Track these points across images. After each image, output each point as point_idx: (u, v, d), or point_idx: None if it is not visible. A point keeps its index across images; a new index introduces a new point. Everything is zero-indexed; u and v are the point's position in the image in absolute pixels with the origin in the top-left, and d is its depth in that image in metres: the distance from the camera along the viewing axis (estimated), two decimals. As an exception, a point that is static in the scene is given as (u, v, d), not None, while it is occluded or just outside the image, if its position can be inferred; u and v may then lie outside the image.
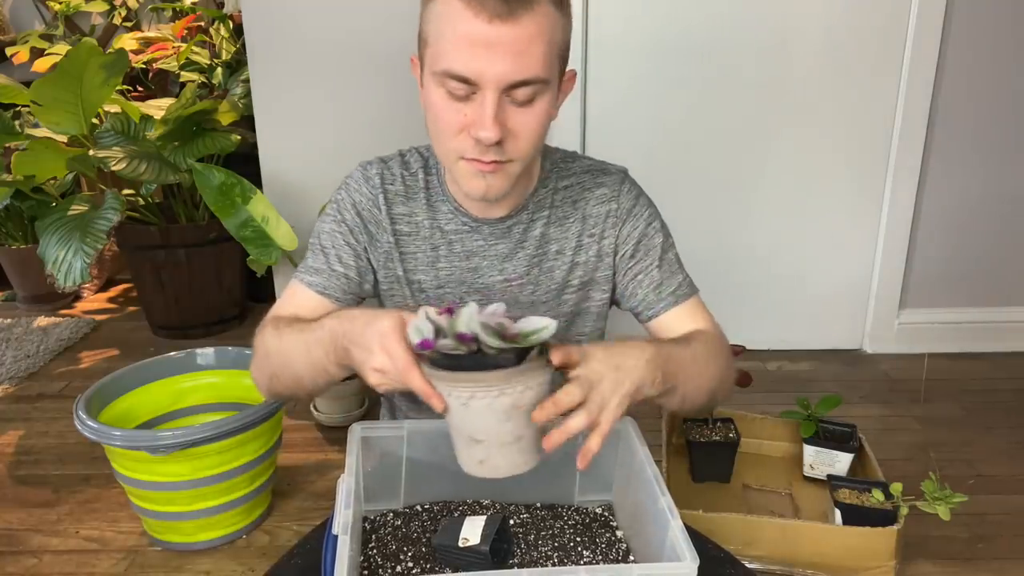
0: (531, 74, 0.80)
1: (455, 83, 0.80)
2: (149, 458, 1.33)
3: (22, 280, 2.67)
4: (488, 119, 0.80)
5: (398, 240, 0.97)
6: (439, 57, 0.81)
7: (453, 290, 0.98)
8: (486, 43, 0.78)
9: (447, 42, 0.80)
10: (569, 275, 1.00)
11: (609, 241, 1.00)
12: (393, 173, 0.99)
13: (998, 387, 2.09)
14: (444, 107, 0.82)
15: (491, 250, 0.97)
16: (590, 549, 0.86)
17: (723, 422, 1.63)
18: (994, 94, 2.09)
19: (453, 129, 0.83)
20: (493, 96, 0.80)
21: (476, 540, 0.78)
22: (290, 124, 2.11)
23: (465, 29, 0.77)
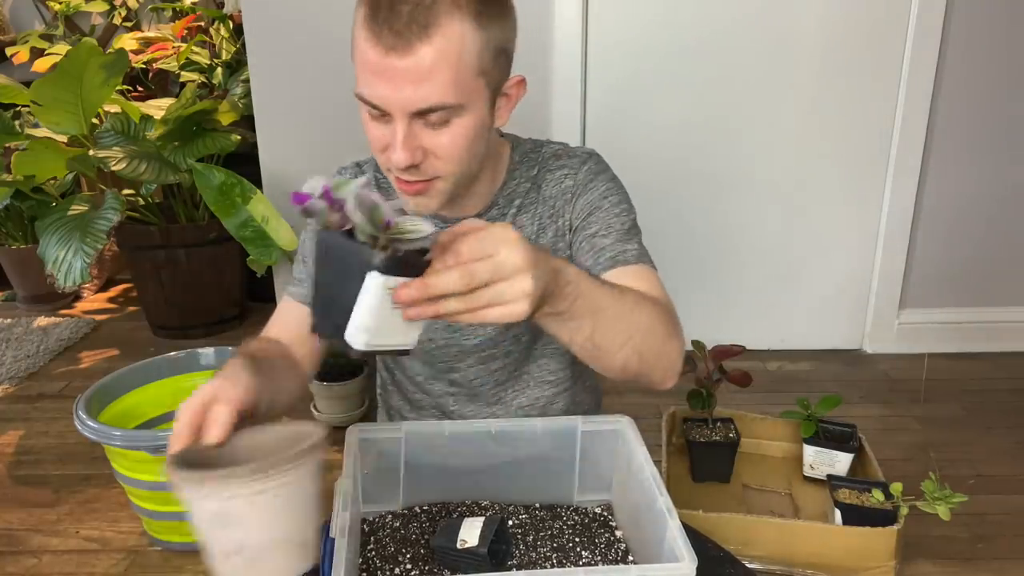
0: (436, 101, 0.78)
1: (370, 108, 0.81)
2: (149, 458, 1.33)
3: (22, 280, 2.67)
4: (397, 145, 0.80)
5: None
6: (357, 79, 0.81)
7: None
8: (384, 73, 0.77)
9: (358, 68, 0.80)
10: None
11: (565, 219, 0.97)
12: (352, 170, 1.01)
13: (998, 387, 2.09)
14: (370, 126, 0.83)
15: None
16: (589, 549, 0.86)
17: (723, 422, 1.63)
18: (994, 94, 2.09)
19: (379, 146, 0.84)
20: (402, 122, 0.79)
21: (474, 541, 0.78)
22: (290, 124, 2.11)
23: (367, 58, 0.78)
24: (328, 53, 2.05)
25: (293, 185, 2.42)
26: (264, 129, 2.12)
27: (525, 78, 0.89)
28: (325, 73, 2.07)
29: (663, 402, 1.88)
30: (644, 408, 1.91)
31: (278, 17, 2.02)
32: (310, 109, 2.10)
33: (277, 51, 2.05)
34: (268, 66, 2.06)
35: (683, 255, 2.16)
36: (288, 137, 2.12)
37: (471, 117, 0.82)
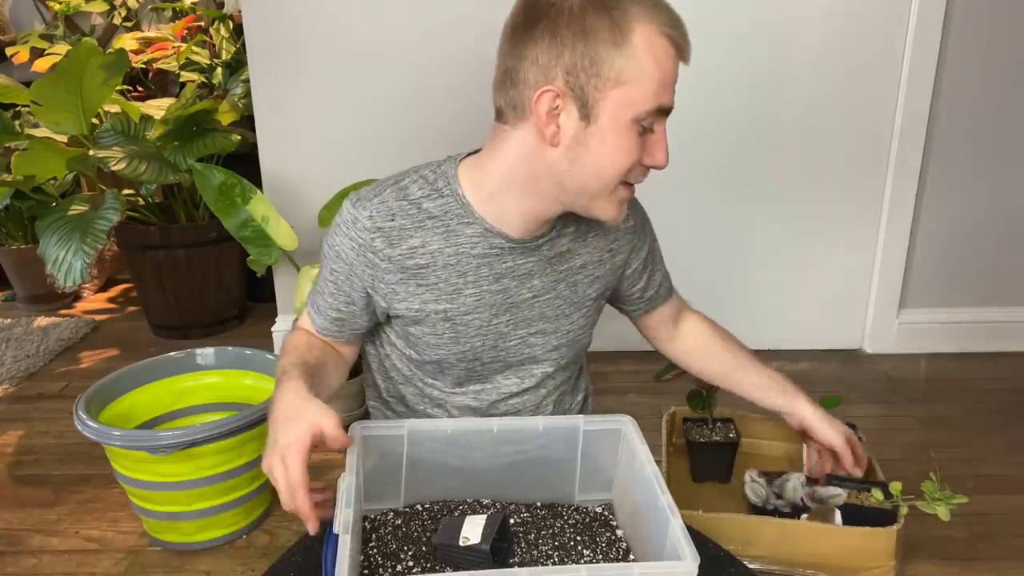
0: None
1: (655, 118, 0.85)
2: (149, 458, 1.33)
3: (22, 280, 2.67)
4: (664, 147, 0.87)
5: (412, 275, 0.94)
6: (648, 95, 0.83)
7: (481, 314, 0.97)
8: (674, 80, 0.86)
9: (657, 80, 0.83)
10: (590, 288, 1.03)
11: (623, 256, 1.06)
12: (391, 208, 0.93)
13: (998, 387, 2.09)
14: (635, 144, 0.85)
15: (520, 268, 0.97)
16: (590, 548, 0.86)
17: (723, 422, 1.63)
18: (994, 94, 2.09)
19: (631, 162, 0.86)
20: (662, 127, 0.87)
21: (476, 539, 0.78)
22: (290, 124, 2.11)
23: (671, 68, 0.84)
24: (328, 53, 2.05)
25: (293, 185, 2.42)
26: (264, 129, 2.12)
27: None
28: (325, 73, 2.07)
29: (663, 402, 1.88)
30: (644, 408, 1.91)
31: (278, 17, 2.02)
32: (310, 109, 2.09)
33: (277, 51, 2.05)
34: (268, 66, 2.06)
35: (682, 255, 2.15)
36: (288, 137, 2.12)
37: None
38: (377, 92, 2.08)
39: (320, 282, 1.00)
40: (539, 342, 1.02)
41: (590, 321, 1.06)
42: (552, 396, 1.08)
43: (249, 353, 1.61)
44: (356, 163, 2.13)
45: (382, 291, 0.95)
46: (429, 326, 0.97)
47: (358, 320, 1.00)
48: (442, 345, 0.98)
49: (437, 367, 1.01)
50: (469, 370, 1.01)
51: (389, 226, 0.92)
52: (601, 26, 0.82)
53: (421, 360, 1.01)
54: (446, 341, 0.97)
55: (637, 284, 1.11)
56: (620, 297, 1.14)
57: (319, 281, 1.00)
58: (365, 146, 2.13)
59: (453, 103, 2.09)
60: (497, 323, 0.98)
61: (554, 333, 1.02)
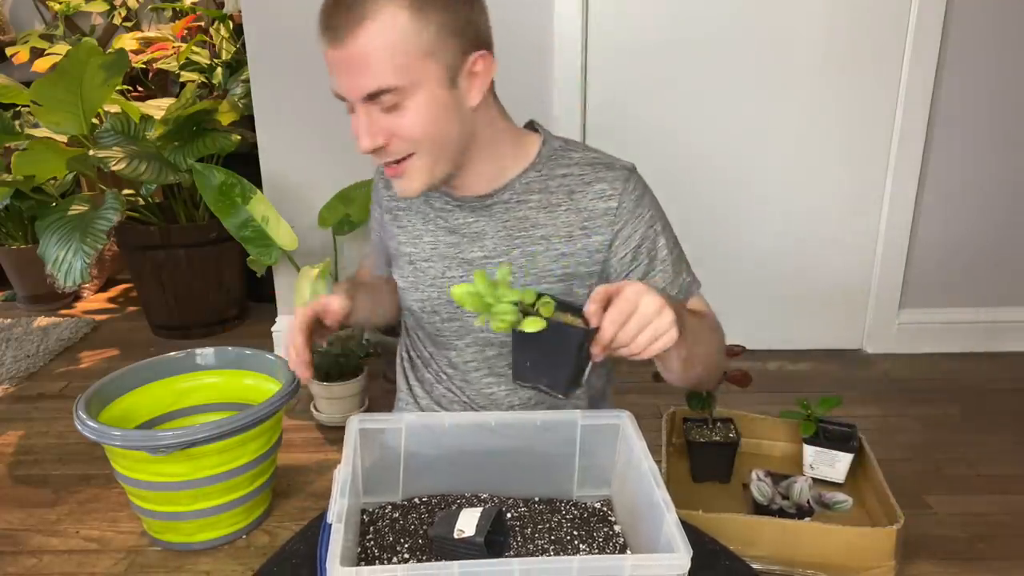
0: (377, 84, 0.86)
1: (341, 100, 0.91)
2: (149, 458, 1.33)
3: (22, 280, 2.67)
4: (359, 130, 0.90)
5: (395, 216, 1.07)
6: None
7: (437, 263, 1.03)
8: (336, 65, 0.89)
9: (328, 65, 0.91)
10: (551, 263, 0.98)
11: (602, 239, 0.98)
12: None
13: (998, 387, 2.09)
14: (351, 116, 0.91)
15: (472, 227, 1.01)
16: (587, 543, 0.86)
17: (723, 422, 1.63)
18: (994, 94, 2.09)
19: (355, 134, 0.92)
20: (360, 109, 0.89)
21: (472, 532, 0.79)
22: (290, 124, 2.11)
23: (325, 54, 0.91)
24: (328, 53, 2.05)
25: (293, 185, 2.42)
26: (264, 129, 2.12)
27: (489, 54, 0.92)
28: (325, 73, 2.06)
29: (663, 402, 1.88)
30: (644, 408, 1.91)
31: (278, 17, 2.02)
32: (310, 109, 2.09)
33: (277, 51, 2.05)
34: (268, 66, 2.06)
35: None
36: (288, 137, 2.12)
37: (425, 96, 0.88)
38: (377, 92, 2.08)
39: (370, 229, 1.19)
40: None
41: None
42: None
43: (249, 353, 1.61)
44: (356, 163, 2.13)
45: (383, 227, 1.10)
46: (399, 268, 1.06)
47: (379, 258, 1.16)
48: (407, 289, 1.05)
49: (411, 318, 1.09)
50: (431, 325, 1.05)
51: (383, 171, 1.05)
52: None
53: (405, 309, 1.09)
54: (410, 285, 1.05)
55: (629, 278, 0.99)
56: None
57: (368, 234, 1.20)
58: (365, 146, 2.13)
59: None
60: (451, 276, 1.02)
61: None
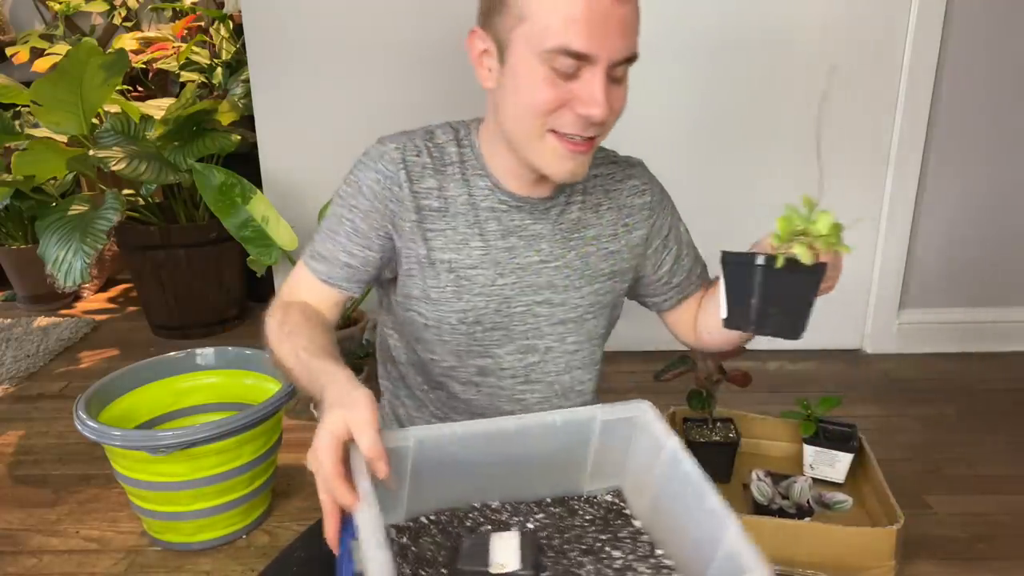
0: (634, 50, 0.82)
1: (567, 60, 0.78)
2: (149, 458, 1.33)
3: (22, 280, 2.67)
4: (600, 96, 0.79)
5: (424, 216, 0.92)
6: (548, 33, 0.78)
7: (486, 271, 0.94)
8: (605, 20, 0.78)
9: (561, 17, 0.77)
10: (602, 263, 0.99)
11: (641, 233, 1.01)
12: (417, 146, 0.94)
13: (998, 387, 2.09)
14: (544, 85, 0.80)
15: (529, 229, 0.95)
16: (617, 548, 0.77)
17: (723, 422, 1.63)
18: (994, 94, 2.09)
19: (550, 105, 0.81)
20: (603, 73, 0.79)
21: (515, 564, 0.69)
22: (290, 124, 2.11)
23: (585, 3, 0.77)
24: (328, 53, 2.05)
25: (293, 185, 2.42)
26: (264, 129, 2.12)
27: None
28: (325, 73, 2.07)
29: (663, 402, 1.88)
30: (644, 408, 1.91)
31: (278, 17, 2.02)
32: (310, 109, 2.10)
33: (277, 51, 2.05)
34: (268, 66, 2.06)
35: (683, 255, 2.16)
36: (288, 137, 2.12)
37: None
38: (377, 91, 2.08)
39: (332, 224, 0.93)
40: (544, 312, 0.97)
41: (602, 303, 1.00)
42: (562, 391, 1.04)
43: (249, 353, 1.61)
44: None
45: (401, 229, 0.92)
46: (433, 277, 0.93)
47: (368, 269, 0.94)
48: (444, 301, 0.93)
49: (436, 333, 0.95)
50: (469, 336, 0.96)
51: (413, 161, 0.92)
52: None
53: (424, 323, 0.95)
54: (448, 296, 0.93)
55: (663, 267, 1.04)
56: (647, 285, 1.06)
57: (329, 224, 0.93)
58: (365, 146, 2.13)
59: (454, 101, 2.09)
60: (502, 283, 0.94)
61: (561, 306, 0.97)
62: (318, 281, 0.94)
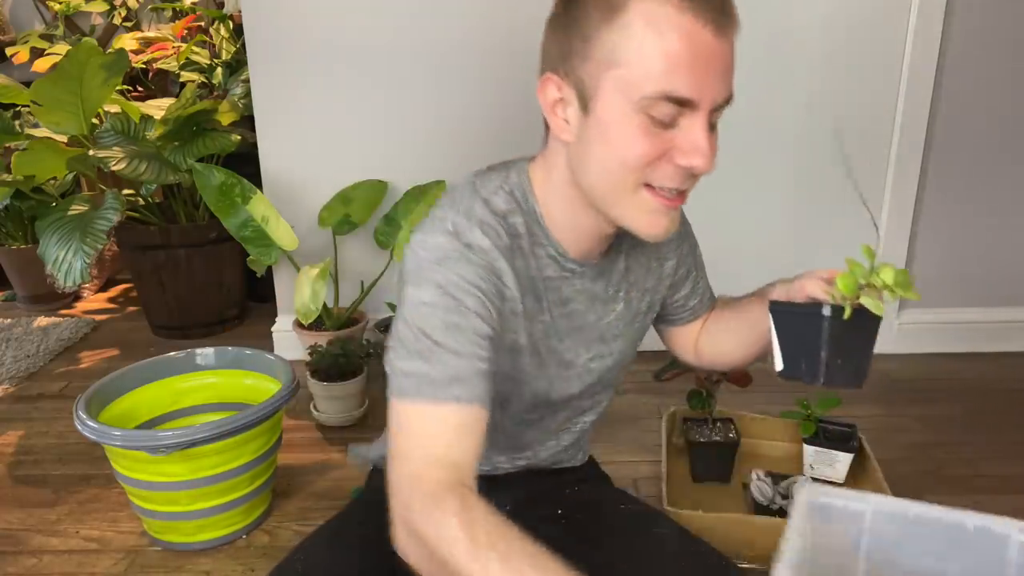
0: (732, 91, 0.75)
1: (669, 107, 0.70)
2: (149, 458, 1.33)
3: (22, 280, 2.67)
4: (704, 145, 0.72)
5: (502, 299, 0.81)
6: (648, 78, 0.69)
7: (542, 342, 0.87)
8: (711, 60, 0.70)
9: (661, 59, 0.69)
10: (641, 302, 0.98)
11: (671, 263, 1.00)
12: (491, 225, 0.80)
13: (998, 387, 2.09)
14: (642, 135, 0.72)
15: (586, 292, 0.89)
16: None
17: (723, 422, 1.63)
18: (994, 94, 2.08)
19: (649, 158, 0.72)
20: (705, 119, 0.72)
21: None
22: (290, 124, 2.11)
23: (689, 43, 0.68)
24: (328, 53, 2.05)
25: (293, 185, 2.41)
26: (264, 129, 2.12)
27: None
28: (325, 73, 2.07)
29: (663, 402, 1.88)
30: (644, 408, 1.91)
31: (278, 17, 2.02)
32: (310, 109, 2.10)
33: (277, 51, 2.05)
34: (268, 66, 2.06)
35: (683, 255, 2.16)
36: (288, 137, 2.12)
37: None
38: (377, 92, 2.08)
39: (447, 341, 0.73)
40: (596, 366, 0.95)
41: (639, 336, 1.00)
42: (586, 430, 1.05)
43: (249, 353, 1.61)
44: (356, 163, 2.13)
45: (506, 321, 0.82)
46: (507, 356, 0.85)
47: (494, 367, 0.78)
48: (508, 379, 0.86)
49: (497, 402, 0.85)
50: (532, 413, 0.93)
51: (501, 246, 0.80)
52: (592, 3, 0.72)
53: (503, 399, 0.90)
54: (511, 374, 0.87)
55: (682, 290, 1.03)
56: (664, 307, 1.04)
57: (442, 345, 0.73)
58: (365, 146, 2.13)
59: (454, 102, 2.09)
60: (562, 349, 0.90)
61: (609, 355, 0.96)
62: (462, 407, 0.72)
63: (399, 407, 0.73)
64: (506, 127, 2.08)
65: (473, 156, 2.10)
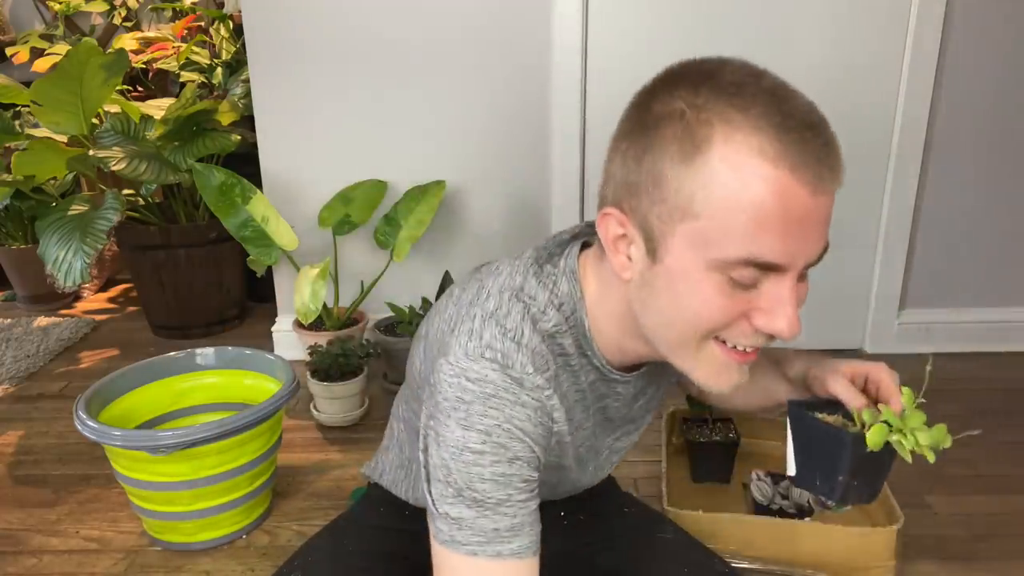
0: (827, 242, 0.66)
1: (751, 271, 0.62)
2: (149, 458, 1.33)
3: (22, 280, 2.67)
4: (791, 312, 0.64)
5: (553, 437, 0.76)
6: (730, 240, 0.61)
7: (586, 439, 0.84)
8: (803, 219, 0.60)
9: (747, 219, 0.60)
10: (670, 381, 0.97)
11: None
12: (540, 353, 0.72)
13: (998, 387, 2.09)
14: (717, 296, 0.64)
15: (623, 394, 0.86)
16: None
17: (723, 422, 1.63)
18: (994, 93, 2.09)
19: (723, 322, 0.65)
20: (793, 282, 0.64)
21: None
22: (290, 124, 2.11)
23: (782, 203, 0.59)
24: (328, 53, 2.05)
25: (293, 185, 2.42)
26: (264, 129, 2.12)
27: None
28: (325, 73, 2.07)
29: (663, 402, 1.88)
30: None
31: (278, 17, 2.02)
32: (310, 109, 2.10)
33: (277, 51, 2.05)
34: (268, 66, 2.06)
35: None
36: (288, 137, 2.12)
37: None
38: (377, 92, 2.08)
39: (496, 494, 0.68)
40: (624, 445, 0.95)
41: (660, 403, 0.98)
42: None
43: (249, 353, 1.61)
44: (356, 163, 2.13)
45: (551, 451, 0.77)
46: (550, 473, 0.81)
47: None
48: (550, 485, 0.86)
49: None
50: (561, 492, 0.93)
51: (550, 375, 0.72)
52: (672, 134, 0.62)
53: None
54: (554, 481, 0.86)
55: None
56: None
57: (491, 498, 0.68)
58: (365, 146, 2.13)
59: (454, 102, 2.09)
60: (594, 441, 0.87)
61: (637, 431, 0.95)
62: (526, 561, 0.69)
63: (450, 556, 0.68)
64: (506, 127, 2.08)
65: (473, 156, 2.12)
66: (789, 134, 0.59)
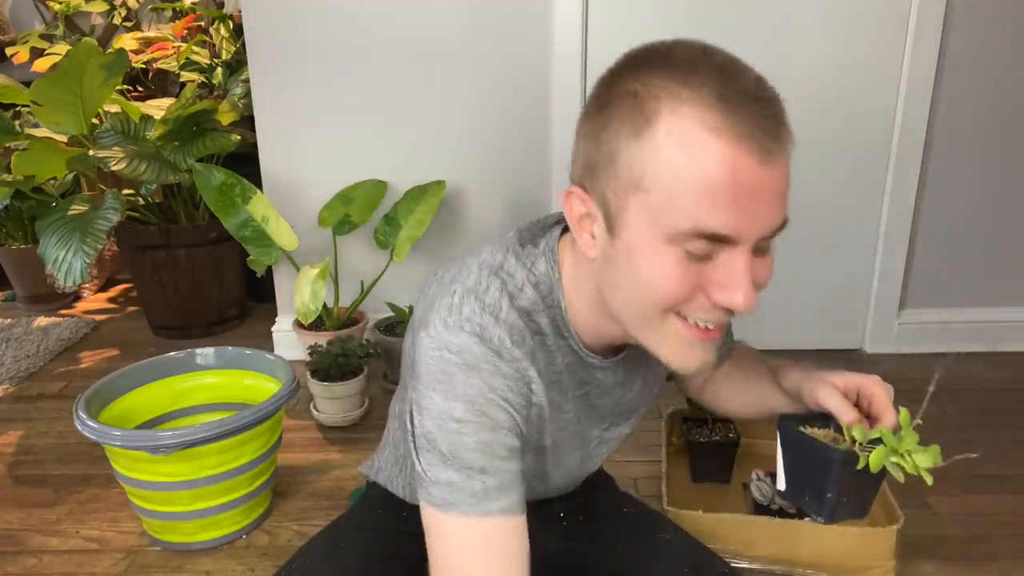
0: (784, 216, 0.67)
1: (703, 243, 0.63)
2: (149, 458, 1.33)
3: (22, 280, 2.67)
4: (745, 283, 0.64)
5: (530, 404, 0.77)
6: (680, 211, 0.62)
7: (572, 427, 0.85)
8: (754, 190, 0.61)
9: (696, 190, 0.61)
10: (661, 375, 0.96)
11: None
12: (518, 328, 0.74)
13: (998, 387, 2.09)
14: (676, 269, 0.64)
15: (603, 382, 0.86)
16: None
17: (723, 422, 1.63)
18: (994, 94, 2.09)
19: (681, 296, 0.66)
20: (747, 254, 0.64)
21: None
22: (290, 124, 2.11)
23: (728, 174, 0.60)
24: (328, 53, 2.05)
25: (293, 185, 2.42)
26: (264, 129, 2.12)
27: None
28: (325, 73, 2.07)
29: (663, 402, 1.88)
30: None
31: (278, 17, 2.02)
32: (310, 109, 2.10)
33: (277, 51, 2.05)
34: (268, 66, 2.06)
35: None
36: (288, 137, 2.12)
37: None
38: (377, 92, 2.08)
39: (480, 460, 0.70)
40: (614, 436, 0.95)
41: (654, 397, 0.98)
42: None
43: (249, 353, 1.61)
44: (356, 163, 2.13)
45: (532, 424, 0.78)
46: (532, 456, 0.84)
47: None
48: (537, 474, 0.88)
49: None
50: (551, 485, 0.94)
51: (527, 350, 0.74)
52: (625, 111, 0.64)
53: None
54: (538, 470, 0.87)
55: None
56: None
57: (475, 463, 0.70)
58: (365, 146, 2.13)
59: (454, 102, 2.09)
60: (579, 428, 0.88)
61: (627, 422, 0.95)
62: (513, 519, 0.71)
63: (441, 519, 0.70)
64: (506, 127, 2.08)
65: (473, 156, 2.12)
66: (734, 106, 0.61)
